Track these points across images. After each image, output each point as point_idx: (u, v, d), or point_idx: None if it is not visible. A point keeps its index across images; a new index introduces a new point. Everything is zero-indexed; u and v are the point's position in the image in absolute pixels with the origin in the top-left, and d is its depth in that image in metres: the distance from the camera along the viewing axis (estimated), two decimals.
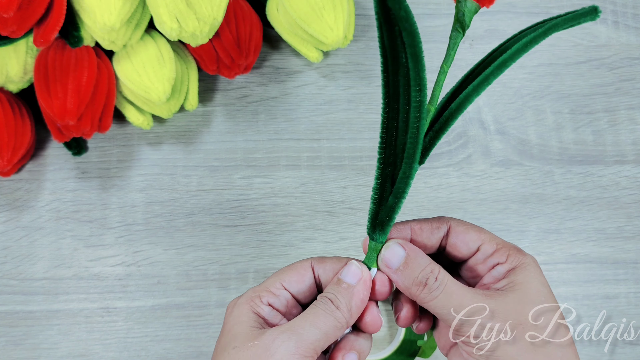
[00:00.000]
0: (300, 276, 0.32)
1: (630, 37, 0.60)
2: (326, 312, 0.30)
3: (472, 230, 0.32)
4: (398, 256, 0.31)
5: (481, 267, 0.32)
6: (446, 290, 0.30)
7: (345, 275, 0.31)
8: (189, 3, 0.45)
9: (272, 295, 0.31)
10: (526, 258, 0.31)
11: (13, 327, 0.52)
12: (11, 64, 0.50)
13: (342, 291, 0.30)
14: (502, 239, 0.32)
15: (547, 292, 0.31)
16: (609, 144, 0.57)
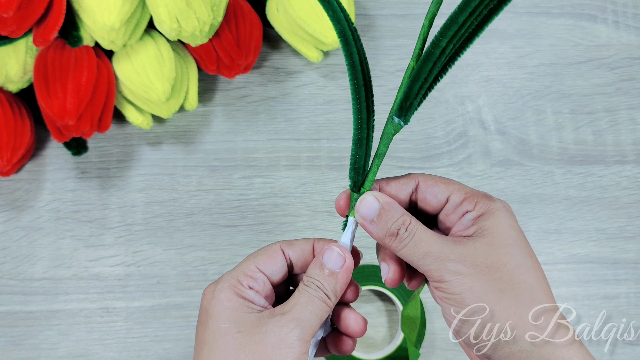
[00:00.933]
0: (272, 259, 0.33)
1: (631, 36, 0.60)
2: (320, 300, 0.31)
3: (440, 182, 0.33)
4: (373, 208, 0.32)
5: (452, 217, 0.33)
6: (415, 238, 0.31)
7: (328, 261, 0.32)
8: (188, 3, 0.45)
9: (251, 278, 0.32)
10: (494, 203, 0.31)
11: (13, 327, 0.52)
12: (11, 64, 0.49)
13: (328, 278, 0.32)
14: (471, 188, 0.33)
15: (516, 234, 0.31)
16: (610, 144, 0.57)
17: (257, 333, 0.29)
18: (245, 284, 0.32)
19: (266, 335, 0.29)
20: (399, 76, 0.58)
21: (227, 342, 0.29)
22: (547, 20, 0.60)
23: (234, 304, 0.31)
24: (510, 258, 0.30)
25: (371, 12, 0.59)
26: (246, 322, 0.30)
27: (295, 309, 0.30)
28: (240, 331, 0.30)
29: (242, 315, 0.30)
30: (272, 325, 0.30)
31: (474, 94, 0.58)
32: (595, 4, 0.60)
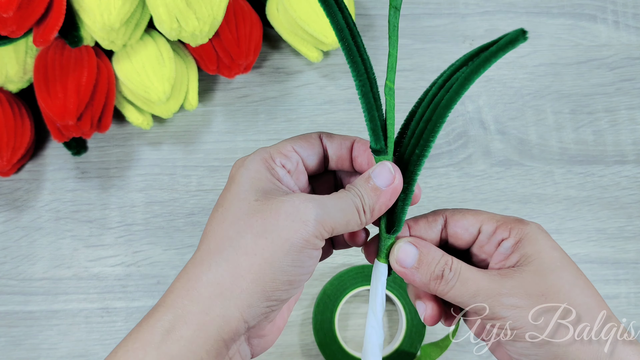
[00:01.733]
0: (310, 144, 0.32)
1: (631, 36, 0.60)
2: (354, 207, 0.29)
3: (468, 214, 0.32)
4: (411, 255, 0.31)
5: (488, 247, 0.32)
6: (461, 278, 0.30)
7: (377, 176, 0.30)
8: (188, 3, 0.45)
9: (284, 157, 0.31)
10: (529, 227, 0.30)
11: (13, 327, 0.52)
12: (11, 64, 0.49)
13: (370, 192, 0.30)
14: (501, 215, 0.32)
15: (560, 255, 0.30)
16: (610, 144, 0.57)
17: (274, 202, 0.28)
18: (278, 161, 0.30)
19: (283, 204, 0.28)
20: (399, 76, 0.58)
21: (242, 206, 0.28)
22: (547, 20, 0.60)
23: (261, 176, 0.29)
24: (563, 282, 0.29)
25: (371, 12, 0.59)
26: (268, 193, 0.29)
27: (324, 199, 0.29)
28: (258, 199, 0.28)
29: (266, 186, 0.29)
30: (293, 198, 0.28)
31: (474, 94, 0.58)
32: (595, 4, 0.60)
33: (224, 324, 0.26)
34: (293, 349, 0.52)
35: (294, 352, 0.52)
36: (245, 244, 0.27)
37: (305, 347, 0.52)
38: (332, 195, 0.29)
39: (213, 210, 0.30)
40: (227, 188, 0.30)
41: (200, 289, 0.26)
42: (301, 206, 0.28)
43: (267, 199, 0.28)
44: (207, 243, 0.28)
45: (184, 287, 0.27)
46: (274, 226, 0.27)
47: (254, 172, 0.29)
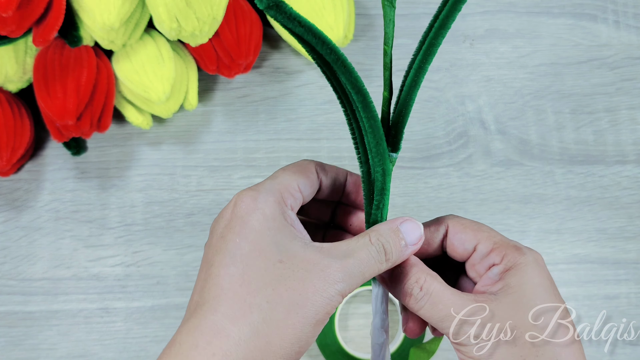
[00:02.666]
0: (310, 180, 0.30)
1: (631, 36, 0.59)
2: (377, 263, 0.28)
3: (469, 229, 0.31)
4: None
5: (478, 267, 0.31)
6: (431, 299, 0.29)
7: (408, 234, 0.29)
8: (188, 2, 0.45)
9: (293, 198, 0.29)
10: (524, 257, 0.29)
11: (12, 328, 0.52)
12: (10, 64, 0.49)
13: (399, 248, 0.29)
14: (501, 237, 0.31)
15: (546, 293, 0.29)
16: (610, 144, 0.57)
17: (300, 268, 0.26)
18: (289, 203, 0.28)
19: (310, 274, 0.26)
20: (400, 76, 0.58)
21: (267, 267, 0.26)
22: (548, 20, 0.60)
23: (278, 224, 0.27)
24: None
25: (371, 12, 0.59)
26: (290, 251, 0.26)
27: (348, 259, 0.27)
28: (283, 261, 0.26)
29: (285, 240, 0.27)
30: (319, 265, 0.26)
31: (475, 94, 0.58)
32: (595, 4, 0.60)
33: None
34: None
35: None
36: (277, 318, 0.25)
37: None
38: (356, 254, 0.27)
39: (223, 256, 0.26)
40: (239, 233, 0.27)
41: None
42: (329, 282, 0.26)
43: (291, 261, 0.26)
44: (229, 306, 0.25)
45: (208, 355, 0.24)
46: (304, 301, 0.26)
47: (272, 220, 0.27)
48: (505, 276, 0.29)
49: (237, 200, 0.28)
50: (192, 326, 0.25)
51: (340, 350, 0.49)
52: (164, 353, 0.26)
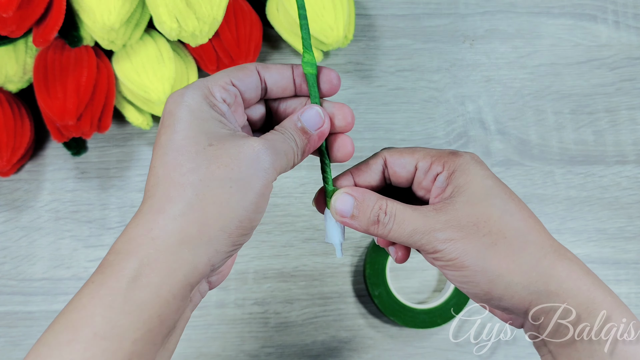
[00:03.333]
0: (247, 76, 0.31)
1: (631, 37, 0.60)
2: (292, 151, 0.30)
3: (405, 153, 0.33)
4: (349, 204, 0.32)
5: (425, 183, 0.33)
6: (397, 220, 0.30)
7: (307, 121, 0.31)
8: (188, 3, 0.45)
9: (224, 90, 0.30)
10: (462, 158, 0.31)
11: (12, 328, 0.52)
12: (10, 64, 0.49)
13: (302, 136, 0.31)
14: (436, 150, 0.33)
15: (492, 183, 0.30)
16: (610, 144, 0.57)
17: (232, 147, 0.28)
18: (219, 96, 0.29)
19: (242, 149, 0.28)
20: (399, 76, 0.58)
21: (199, 152, 0.27)
22: (548, 20, 0.60)
23: (206, 115, 0.28)
24: (494, 209, 0.30)
25: (371, 12, 0.59)
26: (218, 135, 0.28)
27: (271, 140, 0.29)
28: (212, 144, 0.28)
29: (214, 128, 0.28)
30: (248, 143, 0.28)
31: (475, 94, 0.58)
32: (595, 4, 0.60)
33: (192, 270, 0.27)
34: (293, 349, 0.52)
35: (294, 352, 0.52)
36: (211, 194, 0.27)
37: (305, 347, 0.52)
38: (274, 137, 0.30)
39: (157, 149, 0.28)
40: (169, 126, 0.28)
41: (165, 238, 0.26)
42: (260, 153, 0.28)
43: (222, 143, 0.28)
44: (165, 189, 0.27)
45: (147, 235, 0.26)
46: (237, 175, 0.27)
47: (198, 110, 0.28)
48: (451, 180, 0.31)
49: (167, 99, 0.29)
50: (137, 212, 0.28)
51: (394, 300, 0.51)
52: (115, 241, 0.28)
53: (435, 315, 0.51)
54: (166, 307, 0.26)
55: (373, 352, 0.52)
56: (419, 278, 0.54)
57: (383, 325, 0.53)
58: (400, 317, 0.51)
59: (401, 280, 0.54)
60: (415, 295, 0.54)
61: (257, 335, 0.52)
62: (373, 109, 0.57)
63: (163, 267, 0.26)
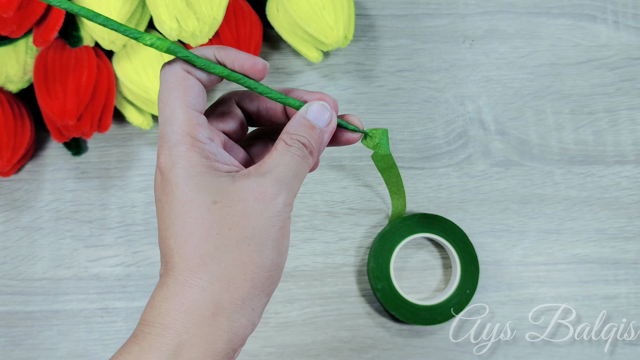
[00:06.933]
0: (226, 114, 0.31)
1: (631, 37, 0.60)
2: (303, 160, 0.29)
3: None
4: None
5: None
6: None
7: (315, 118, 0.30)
8: (188, 3, 0.45)
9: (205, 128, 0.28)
10: None
11: (13, 328, 0.52)
12: (11, 64, 0.49)
13: (314, 135, 0.29)
14: None
15: None
16: (610, 144, 0.57)
17: (237, 202, 0.26)
18: (203, 137, 0.28)
19: (248, 203, 0.26)
20: (399, 76, 0.58)
21: (204, 215, 0.26)
22: (547, 20, 0.60)
23: (200, 169, 0.27)
24: None
25: (371, 12, 0.59)
26: (220, 189, 0.27)
27: (276, 170, 0.27)
28: (217, 201, 0.26)
29: (212, 180, 0.27)
30: (253, 191, 0.27)
31: (474, 94, 0.58)
32: (595, 4, 0.60)
33: (232, 337, 0.26)
34: (293, 349, 0.52)
35: (294, 352, 0.52)
36: (231, 258, 0.26)
37: (305, 347, 0.52)
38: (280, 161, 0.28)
39: (163, 219, 0.27)
40: (169, 194, 0.27)
41: (199, 312, 0.26)
42: (267, 199, 0.27)
43: (226, 198, 0.26)
44: (184, 262, 0.26)
45: (179, 310, 0.26)
46: (251, 231, 0.26)
47: (191, 167, 0.27)
48: None
49: (157, 164, 0.28)
50: (161, 284, 0.27)
51: (396, 295, 0.52)
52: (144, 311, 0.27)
53: (436, 313, 0.51)
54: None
55: (373, 352, 0.52)
56: (419, 278, 0.54)
57: (383, 325, 0.53)
58: (401, 313, 0.51)
59: (403, 279, 0.54)
60: (416, 295, 0.54)
61: (257, 335, 0.53)
62: (373, 109, 0.57)
63: (202, 342, 0.25)
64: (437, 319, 0.51)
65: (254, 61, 0.29)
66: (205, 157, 0.27)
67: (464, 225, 0.55)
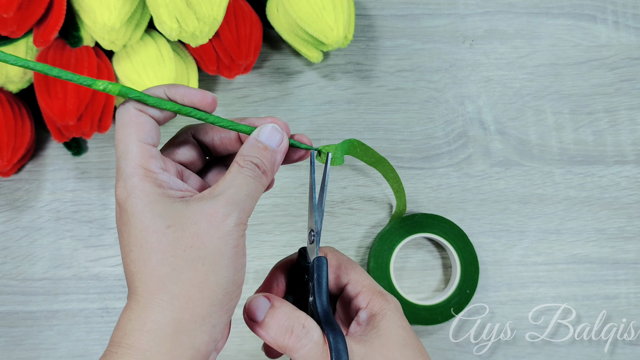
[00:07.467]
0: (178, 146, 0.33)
1: (631, 37, 0.60)
2: (256, 180, 0.30)
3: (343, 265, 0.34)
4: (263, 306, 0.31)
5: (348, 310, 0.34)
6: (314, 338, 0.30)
7: (267, 139, 0.31)
8: (189, 3, 0.45)
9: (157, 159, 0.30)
10: (386, 304, 0.33)
11: (13, 327, 0.52)
12: None
13: (267, 155, 0.31)
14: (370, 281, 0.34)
15: (407, 335, 0.32)
16: (609, 144, 0.57)
17: (189, 225, 0.27)
18: (155, 167, 0.29)
19: (200, 225, 0.27)
20: (399, 76, 0.58)
21: (159, 240, 0.27)
22: (547, 20, 0.60)
23: (154, 197, 0.28)
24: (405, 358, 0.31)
25: (371, 12, 0.59)
26: (174, 213, 0.28)
27: (228, 191, 0.28)
28: (170, 225, 0.27)
29: (166, 206, 0.28)
30: (204, 213, 0.28)
31: (474, 95, 0.58)
32: (595, 5, 0.60)
33: (195, 353, 0.27)
34: None
35: None
36: (187, 277, 0.27)
37: None
38: (232, 183, 0.29)
39: (123, 246, 0.28)
40: (126, 222, 0.28)
41: (161, 330, 0.27)
42: (218, 220, 0.28)
43: (179, 221, 0.28)
44: (144, 284, 0.27)
45: (142, 330, 0.27)
46: (204, 252, 0.27)
47: (144, 195, 0.28)
48: (372, 320, 0.32)
49: (115, 196, 0.29)
50: (126, 307, 0.28)
51: (396, 294, 0.52)
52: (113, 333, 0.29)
53: (436, 313, 0.51)
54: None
55: None
56: (419, 278, 0.54)
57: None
58: None
59: (403, 279, 0.54)
60: (416, 295, 0.54)
61: None
62: (373, 109, 0.57)
63: (166, 359, 0.27)
64: (437, 319, 0.51)
65: (202, 95, 0.31)
66: (158, 185, 0.29)
67: (464, 225, 0.55)
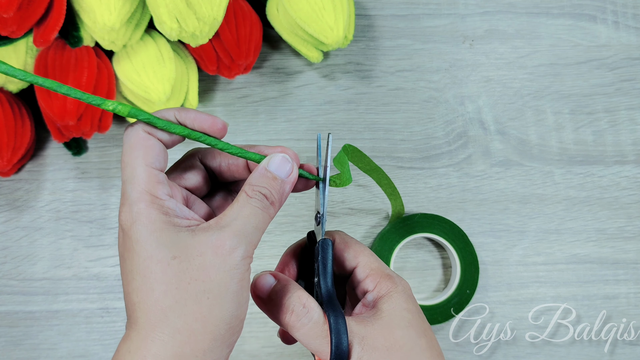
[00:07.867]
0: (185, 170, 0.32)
1: (631, 37, 0.60)
2: (264, 211, 0.29)
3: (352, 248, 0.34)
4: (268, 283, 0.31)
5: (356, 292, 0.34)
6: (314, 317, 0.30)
7: (276, 169, 0.31)
8: (189, 3, 0.45)
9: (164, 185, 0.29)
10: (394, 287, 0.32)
11: (13, 328, 0.52)
12: (11, 64, 0.49)
13: (276, 186, 0.30)
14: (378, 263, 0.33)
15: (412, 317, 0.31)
16: (609, 144, 0.57)
17: (195, 256, 0.27)
18: (162, 194, 0.28)
19: (206, 257, 0.27)
20: (399, 76, 0.58)
21: (164, 270, 0.27)
22: (547, 20, 0.60)
23: (159, 225, 0.27)
24: (407, 340, 0.30)
25: (371, 12, 0.59)
26: (179, 243, 0.27)
27: (235, 223, 0.28)
28: (176, 256, 0.27)
29: (172, 235, 0.27)
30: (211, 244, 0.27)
31: (474, 94, 0.58)
32: (595, 5, 0.60)
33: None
34: (293, 349, 0.52)
35: (294, 352, 0.52)
36: (191, 311, 0.27)
37: (305, 347, 0.52)
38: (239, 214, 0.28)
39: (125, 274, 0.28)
40: (130, 250, 0.27)
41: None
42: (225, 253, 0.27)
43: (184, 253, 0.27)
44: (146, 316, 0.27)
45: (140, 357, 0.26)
46: (209, 285, 0.27)
47: (150, 223, 0.27)
48: (377, 302, 0.32)
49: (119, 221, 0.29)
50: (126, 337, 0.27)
51: None
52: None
53: (436, 313, 0.52)
54: None
55: None
56: (419, 278, 0.54)
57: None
58: None
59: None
60: (416, 295, 0.54)
61: (257, 335, 0.53)
62: (373, 109, 0.57)
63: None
64: (437, 318, 0.51)
65: (213, 120, 0.30)
66: (164, 213, 0.28)
67: (463, 225, 0.55)
